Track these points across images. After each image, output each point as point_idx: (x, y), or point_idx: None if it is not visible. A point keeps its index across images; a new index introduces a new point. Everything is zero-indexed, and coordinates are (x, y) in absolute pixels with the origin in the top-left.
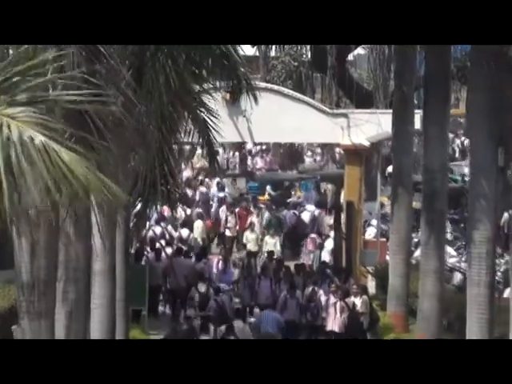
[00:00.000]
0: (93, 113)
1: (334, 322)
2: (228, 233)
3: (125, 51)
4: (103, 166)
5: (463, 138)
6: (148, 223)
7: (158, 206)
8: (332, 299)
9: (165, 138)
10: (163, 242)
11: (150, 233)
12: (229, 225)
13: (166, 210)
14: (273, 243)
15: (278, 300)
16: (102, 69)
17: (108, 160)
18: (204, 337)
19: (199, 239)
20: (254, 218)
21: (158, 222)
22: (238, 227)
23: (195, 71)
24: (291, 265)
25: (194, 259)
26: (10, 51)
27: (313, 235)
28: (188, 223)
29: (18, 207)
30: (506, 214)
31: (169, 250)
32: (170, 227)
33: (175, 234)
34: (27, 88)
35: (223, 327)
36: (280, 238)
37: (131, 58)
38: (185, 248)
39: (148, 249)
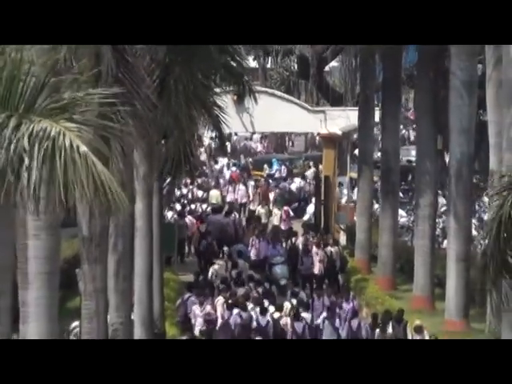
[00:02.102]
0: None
1: (315, 266)
2: (252, 207)
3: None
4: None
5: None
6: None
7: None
8: (314, 249)
9: (188, 129)
10: (185, 200)
11: (178, 193)
12: (252, 199)
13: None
14: (279, 214)
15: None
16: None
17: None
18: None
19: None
20: (271, 195)
21: (186, 186)
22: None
23: (212, 79)
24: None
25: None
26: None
27: (286, 207)
28: (202, 187)
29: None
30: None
31: (192, 206)
32: (194, 188)
33: (196, 194)
34: (82, 111)
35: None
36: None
37: (158, 69)
38: (199, 205)
39: (176, 207)
